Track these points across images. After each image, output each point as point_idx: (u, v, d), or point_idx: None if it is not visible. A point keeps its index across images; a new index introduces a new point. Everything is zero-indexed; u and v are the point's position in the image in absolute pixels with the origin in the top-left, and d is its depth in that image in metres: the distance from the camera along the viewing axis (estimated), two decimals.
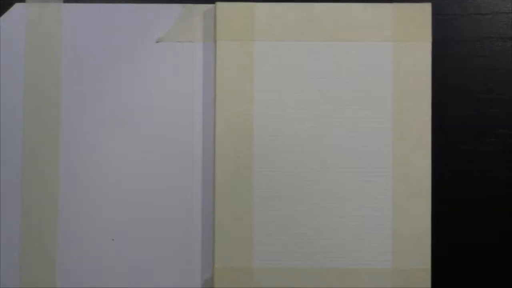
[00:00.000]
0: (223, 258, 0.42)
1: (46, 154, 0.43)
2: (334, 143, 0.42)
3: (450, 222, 0.43)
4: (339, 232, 0.42)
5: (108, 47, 0.43)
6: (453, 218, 0.43)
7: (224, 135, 0.42)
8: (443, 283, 0.43)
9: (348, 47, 0.43)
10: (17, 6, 0.43)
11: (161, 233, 0.41)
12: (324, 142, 0.42)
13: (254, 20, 0.43)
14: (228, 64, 0.43)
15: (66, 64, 0.43)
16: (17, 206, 0.43)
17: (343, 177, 0.42)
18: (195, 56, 0.43)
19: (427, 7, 0.43)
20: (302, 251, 0.42)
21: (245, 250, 0.42)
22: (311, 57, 0.43)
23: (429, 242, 0.42)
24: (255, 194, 0.42)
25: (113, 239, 0.42)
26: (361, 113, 0.43)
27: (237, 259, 0.42)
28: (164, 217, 0.42)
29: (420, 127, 0.42)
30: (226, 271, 0.42)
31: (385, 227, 0.42)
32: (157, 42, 0.44)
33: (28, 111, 0.43)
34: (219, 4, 0.43)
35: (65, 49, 0.43)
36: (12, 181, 0.43)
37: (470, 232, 0.43)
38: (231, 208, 0.42)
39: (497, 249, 0.43)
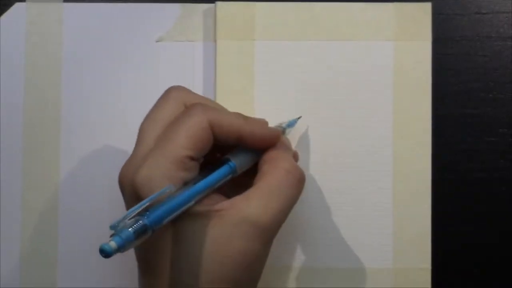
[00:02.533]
0: None
1: (46, 154, 0.43)
2: (335, 142, 0.42)
3: (450, 222, 0.43)
4: (339, 232, 0.42)
5: (108, 47, 0.43)
6: (453, 218, 0.43)
7: None
8: (443, 283, 0.43)
9: (348, 47, 0.43)
10: (17, 6, 0.43)
11: None
12: (325, 142, 0.42)
13: (255, 20, 0.43)
14: (228, 64, 0.43)
15: (66, 64, 0.43)
16: (18, 206, 0.43)
17: (343, 176, 0.42)
18: (195, 55, 0.43)
19: (428, 7, 0.43)
20: (302, 250, 0.42)
21: None
22: (312, 57, 0.43)
23: (429, 241, 0.42)
24: None
25: None
26: (361, 112, 0.43)
27: None
28: None
29: (420, 126, 0.42)
30: None
31: (385, 226, 0.42)
32: (157, 41, 0.44)
33: (28, 111, 0.43)
34: (219, 3, 0.43)
35: (65, 49, 0.43)
36: (12, 181, 0.43)
37: (470, 232, 0.43)
38: None
39: (497, 249, 0.43)
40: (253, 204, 0.33)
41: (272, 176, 0.34)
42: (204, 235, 0.32)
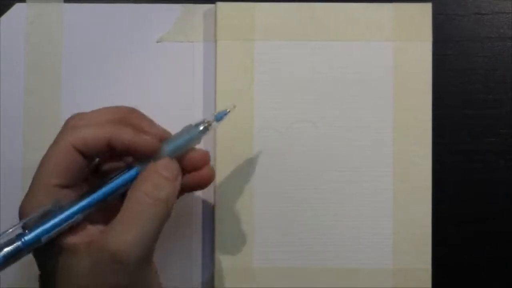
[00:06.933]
0: (223, 258, 0.42)
1: None
2: (335, 142, 0.42)
3: (450, 222, 0.43)
4: (339, 232, 0.42)
5: (108, 47, 0.43)
6: (453, 218, 0.43)
7: (224, 135, 0.42)
8: (443, 283, 0.43)
9: (348, 47, 0.43)
10: (17, 6, 0.43)
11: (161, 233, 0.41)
12: (325, 142, 0.42)
13: (255, 20, 0.43)
14: (229, 64, 0.43)
15: (66, 64, 0.43)
16: (18, 206, 0.42)
17: (344, 176, 0.42)
18: (195, 56, 0.43)
19: (428, 7, 0.43)
20: (302, 250, 0.42)
21: (245, 250, 0.42)
22: (312, 57, 0.43)
23: (429, 242, 0.42)
24: (255, 194, 0.42)
25: None
26: (361, 112, 0.43)
27: (237, 259, 0.42)
28: None
29: (420, 126, 0.42)
30: (226, 271, 0.42)
31: (385, 227, 0.42)
32: (158, 42, 0.44)
33: (28, 111, 0.43)
34: (219, 4, 0.43)
35: (65, 49, 0.43)
36: (12, 180, 0.43)
37: (470, 232, 0.43)
38: (231, 208, 0.42)
39: (497, 249, 0.43)
40: (111, 233, 0.31)
41: (129, 201, 0.33)
42: (73, 269, 0.31)
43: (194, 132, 0.36)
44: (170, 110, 0.43)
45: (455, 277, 0.43)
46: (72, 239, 0.32)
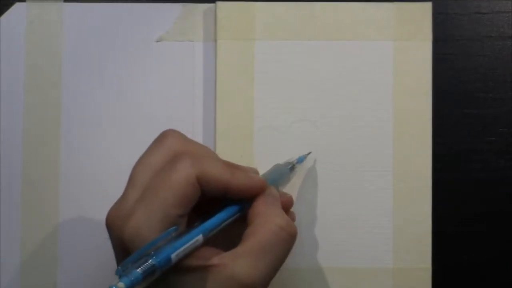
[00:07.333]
0: None
1: (46, 154, 0.43)
2: (335, 142, 0.42)
3: (450, 222, 0.43)
4: (339, 232, 0.42)
5: (108, 47, 0.43)
6: (453, 218, 0.43)
7: (225, 135, 0.42)
8: (443, 283, 0.43)
9: (348, 46, 0.43)
10: (17, 6, 0.43)
11: None
12: (325, 142, 0.42)
13: (255, 20, 0.43)
14: (229, 64, 0.43)
15: (66, 64, 0.43)
16: (17, 206, 0.43)
17: (343, 176, 0.42)
18: (195, 55, 0.43)
19: (428, 6, 0.43)
20: (303, 250, 0.42)
21: None
22: (312, 57, 0.43)
23: (429, 241, 0.42)
24: None
25: None
26: (361, 112, 0.43)
27: None
28: None
29: (420, 126, 0.42)
30: None
31: (385, 226, 0.42)
32: (157, 41, 0.43)
33: (28, 111, 0.43)
34: (219, 3, 0.43)
35: (65, 49, 0.43)
36: (12, 181, 0.43)
37: (470, 232, 0.43)
38: None
39: (497, 249, 0.43)
40: (240, 262, 0.32)
41: (262, 233, 0.33)
42: None
43: (284, 170, 0.40)
44: (170, 110, 0.43)
45: (455, 277, 0.43)
46: (195, 261, 0.32)
